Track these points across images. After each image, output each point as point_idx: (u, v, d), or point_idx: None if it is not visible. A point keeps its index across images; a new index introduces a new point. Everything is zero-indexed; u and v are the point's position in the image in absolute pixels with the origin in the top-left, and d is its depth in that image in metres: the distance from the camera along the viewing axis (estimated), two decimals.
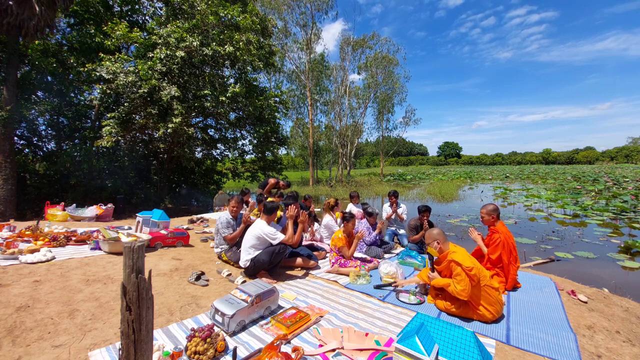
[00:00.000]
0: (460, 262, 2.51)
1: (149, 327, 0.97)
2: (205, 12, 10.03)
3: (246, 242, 3.49)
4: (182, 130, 9.52)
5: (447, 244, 2.78)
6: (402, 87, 28.88)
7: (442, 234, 2.80)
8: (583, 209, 10.43)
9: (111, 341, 2.07)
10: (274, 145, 13.80)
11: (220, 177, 15.28)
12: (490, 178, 32.00)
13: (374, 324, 2.46)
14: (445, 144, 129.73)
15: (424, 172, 46.91)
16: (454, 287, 2.54)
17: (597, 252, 5.79)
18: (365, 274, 3.45)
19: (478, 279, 2.50)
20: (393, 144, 32.99)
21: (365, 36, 26.70)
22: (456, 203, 13.41)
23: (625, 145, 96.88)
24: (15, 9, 7.24)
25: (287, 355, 1.79)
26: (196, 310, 2.62)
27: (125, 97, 9.53)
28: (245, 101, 10.97)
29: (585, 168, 55.41)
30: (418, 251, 4.68)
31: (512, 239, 3.28)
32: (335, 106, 27.31)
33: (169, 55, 9.29)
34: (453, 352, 1.90)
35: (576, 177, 28.04)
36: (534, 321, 2.57)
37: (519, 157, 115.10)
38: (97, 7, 11.20)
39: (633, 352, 2.18)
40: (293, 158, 42.45)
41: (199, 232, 5.78)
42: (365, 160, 69.65)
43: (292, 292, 3.11)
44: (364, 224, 4.75)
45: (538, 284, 3.45)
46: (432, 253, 2.87)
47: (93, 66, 9.07)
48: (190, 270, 3.59)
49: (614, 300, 3.16)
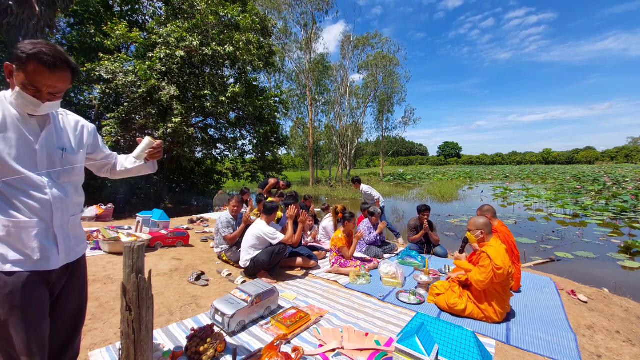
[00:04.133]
0: (492, 257, 2.49)
1: (149, 327, 0.97)
2: (205, 11, 10.03)
3: (246, 242, 3.49)
4: (182, 130, 9.52)
5: (490, 236, 2.74)
6: (402, 87, 28.89)
7: (488, 225, 2.75)
8: (583, 209, 10.43)
9: (111, 341, 2.07)
10: (274, 145, 13.80)
11: (220, 177, 15.27)
12: (490, 178, 32.00)
13: (374, 324, 2.46)
14: (445, 144, 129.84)
15: (424, 172, 46.91)
16: (474, 274, 2.54)
17: (597, 252, 5.79)
18: (365, 274, 3.45)
19: (501, 281, 2.48)
20: (393, 144, 32.96)
21: (368, 34, 26.75)
22: (456, 203, 13.41)
23: (625, 145, 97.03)
24: (15, 9, 7.23)
25: (287, 355, 1.79)
26: (196, 310, 2.62)
27: (125, 97, 9.52)
28: (245, 101, 10.96)
29: (585, 168, 55.43)
30: (418, 251, 4.68)
31: (512, 239, 3.27)
32: (335, 106, 27.30)
33: (168, 55, 9.29)
34: (453, 352, 1.90)
35: (576, 177, 28.03)
36: (534, 321, 2.57)
37: (519, 157, 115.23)
38: (97, 7, 11.20)
39: (633, 352, 2.18)
40: (293, 158, 42.42)
41: (199, 232, 5.78)
42: (365, 160, 69.62)
43: (292, 292, 3.11)
44: (365, 224, 4.75)
45: (538, 284, 3.45)
46: (471, 240, 2.82)
47: (92, 66, 9.06)
48: (190, 270, 3.59)
49: (614, 300, 3.16)
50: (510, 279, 2.54)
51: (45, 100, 1.09)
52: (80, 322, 1.34)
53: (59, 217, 1.16)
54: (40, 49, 1.02)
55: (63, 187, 1.19)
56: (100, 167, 1.47)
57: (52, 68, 1.05)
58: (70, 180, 1.24)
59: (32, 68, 1.03)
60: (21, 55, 1.01)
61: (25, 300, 1.06)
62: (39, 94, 1.07)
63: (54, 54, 1.04)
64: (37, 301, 1.10)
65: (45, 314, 1.12)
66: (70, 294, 1.26)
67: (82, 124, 1.34)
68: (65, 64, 1.09)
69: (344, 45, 26.38)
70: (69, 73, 1.12)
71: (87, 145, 1.35)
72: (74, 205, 1.25)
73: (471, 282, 2.57)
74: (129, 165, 1.46)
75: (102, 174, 1.50)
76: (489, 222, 2.77)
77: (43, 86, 1.06)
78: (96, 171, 1.49)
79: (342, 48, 26.50)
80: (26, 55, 1.01)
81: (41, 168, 1.13)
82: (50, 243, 1.14)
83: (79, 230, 1.31)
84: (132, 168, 1.46)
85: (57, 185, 1.17)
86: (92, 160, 1.42)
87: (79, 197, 1.29)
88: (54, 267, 1.15)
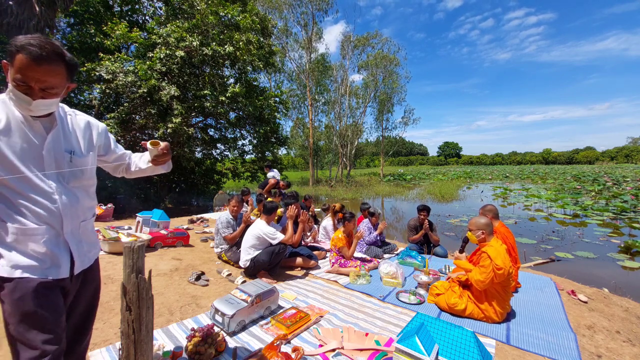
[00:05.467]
0: (492, 257, 2.48)
1: (149, 327, 0.97)
2: (205, 11, 10.03)
3: (246, 242, 3.49)
4: (182, 130, 9.52)
5: (491, 237, 2.74)
6: (402, 87, 28.90)
7: (490, 225, 2.75)
8: (583, 209, 10.43)
9: (111, 341, 2.07)
10: (274, 145, 13.80)
11: (220, 177, 15.28)
12: (490, 178, 32.00)
13: (374, 324, 2.46)
14: (445, 144, 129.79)
15: (424, 172, 46.91)
16: (475, 274, 2.54)
17: (597, 252, 5.79)
18: (365, 274, 3.45)
19: (501, 281, 2.48)
20: (393, 144, 32.96)
21: (368, 34, 26.76)
22: (456, 203, 13.41)
23: (625, 145, 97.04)
24: (15, 9, 7.24)
25: (287, 355, 1.79)
26: (196, 310, 2.62)
27: (125, 97, 9.52)
28: (245, 101, 10.96)
29: (585, 168, 55.41)
30: (418, 251, 4.68)
31: (511, 239, 3.26)
32: (335, 106, 27.31)
33: (168, 55, 9.29)
34: (453, 352, 1.90)
35: (576, 177, 28.02)
36: (534, 321, 2.57)
37: (519, 157, 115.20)
38: (97, 7, 11.19)
39: (633, 352, 2.18)
40: (293, 158, 42.43)
41: (199, 232, 5.78)
42: (366, 160, 69.62)
43: (292, 292, 3.11)
44: (365, 224, 4.75)
45: (538, 284, 3.45)
46: (472, 240, 2.82)
47: (92, 66, 9.06)
48: (190, 270, 3.59)
49: (614, 300, 3.16)
50: (510, 279, 2.54)
51: (38, 97, 1.00)
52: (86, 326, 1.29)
53: (69, 224, 1.11)
54: (29, 41, 0.95)
55: (73, 192, 1.14)
56: (114, 168, 1.42)
57: (38, 60, 0.96)
58: (81, 185, 1.18)
59: (19, 61, 0.95)
60: (11, 49, 0.96)
61: (38, 306, 1.01)
62: (31, 91, 0.99)
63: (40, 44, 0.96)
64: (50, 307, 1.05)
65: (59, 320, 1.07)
66: (81, 298, 1.22)
67: (92, 124, 1.27)
68: (55, 55, 0.99)
69: (344, 45, 26.41)
70: (61, 66, 1.02)
71: (98, 146, 1.28)
72: (85, 210, 1.20)
73: (471, 282, 2.57)
74: (143, 165, 1.41)
75: (118, 174, 1.45)
76: (490, 222, 2.77)
77: (31, 80, 0.97)
78: (111, 172, 1.44)
79: (342, 48, 26.54)
80: (14, 48, 0.95)
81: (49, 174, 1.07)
82: (61, 251, 1.10)
83: (91, 235, 1.25)
84: (147, 168, 1.41)
85: (66, 191, 1.11)
86: (105, 162, 1.36)
87: (90, 202, 1.24)
88: (64, 276, 1.10)
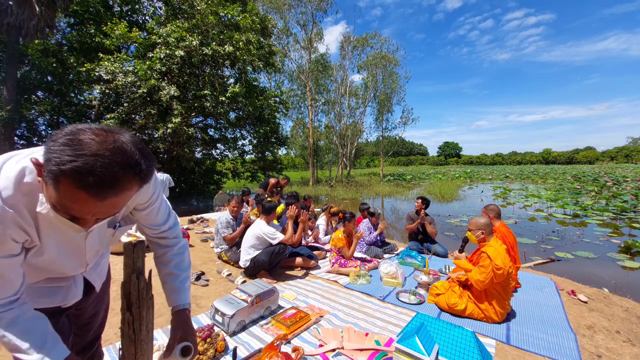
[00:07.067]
0: (492, 257, 2.48)
1: (149, 327, 0.96)
2: (205, 11, 10.03)
3: (246, 242, 3.49)
4: (182, 130, 9.54)
5: (490, 236, 2.74)
6: (402, 87, 28.92)
7: (489, 225, 2.75)
8: (583, 209, 10.42)
9: (111, 341, 2.07)
10: (274, 145, 13.81)
11: (220, 177, 15.31)
12: (490, 178, 31.99)
13: (374, 324, 2.46)
14: (445, 144, 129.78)
15: (424, 172, 46.89)
16: (474, 274, 2.54)
17: (597, 252, 5.78)
18: (365, 274, 3.45)
19: (501, 281, 2.48)
20: (393, 144, 32.96)
21: (367, 34, 26.79)
22: (456, 203, 13.40)
23: (625, 145, 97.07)
24: (15, 9, 7.24)
25: (287, 355, 1.78)
26: (196, 310, 2.62)
27: (125, 97, 9.53)
28: (245, 101, 10.97)
29: (585, 168, 55.39)
30: (418, 251, 4.67)
31: (511, 239, 3.26)
32: (335, 106, 27.32)
33: (168, 55, 9.30)
34: (453, 352, 1.90)
35: (576, 177, 28.03)
36: (534, 321, 2.57)
37: (519, 157, 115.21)
38: (97, 7, 11.20)
39: (633, 352, 2.18)
40: (293, 158, 42.44)
41: (199, 232, 5.78)
42: (366, 160, 69.65)
43: (292, 292, 3.11)
44: (365, 224, 4.75)
45: (538, 284, 3.45)
46: (472, 239, 2.81)
47: (92, 66, 9.07)
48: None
49: (614, 300, 3.16)
50: (510, 279, 2.54)
51: (92, 225, 0.74)
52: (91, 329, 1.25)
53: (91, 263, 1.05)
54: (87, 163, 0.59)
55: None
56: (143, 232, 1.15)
57: (102, 194, 0.62)
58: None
59: (69, 191, 0.61)
60: (53, 168, 0.59)
61: None
62: (82, 221, 0.71)
63: (105, 171, 0.60)
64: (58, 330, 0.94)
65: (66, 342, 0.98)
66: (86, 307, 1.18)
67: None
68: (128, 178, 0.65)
69: (344, 45, 26.41)
70: (134, 186, 0.68)
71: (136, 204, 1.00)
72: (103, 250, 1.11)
73: (471, 282, 2.57)
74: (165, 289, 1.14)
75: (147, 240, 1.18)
76: (490, 222, 2.77)
77: (88, 214, 0.69)
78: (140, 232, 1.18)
79: (342, 48, 26.54)
80: (58, 170, 0.59)
81: (90, 261, 1.00)
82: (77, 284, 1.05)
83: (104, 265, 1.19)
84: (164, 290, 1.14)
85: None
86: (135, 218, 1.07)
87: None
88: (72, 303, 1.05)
